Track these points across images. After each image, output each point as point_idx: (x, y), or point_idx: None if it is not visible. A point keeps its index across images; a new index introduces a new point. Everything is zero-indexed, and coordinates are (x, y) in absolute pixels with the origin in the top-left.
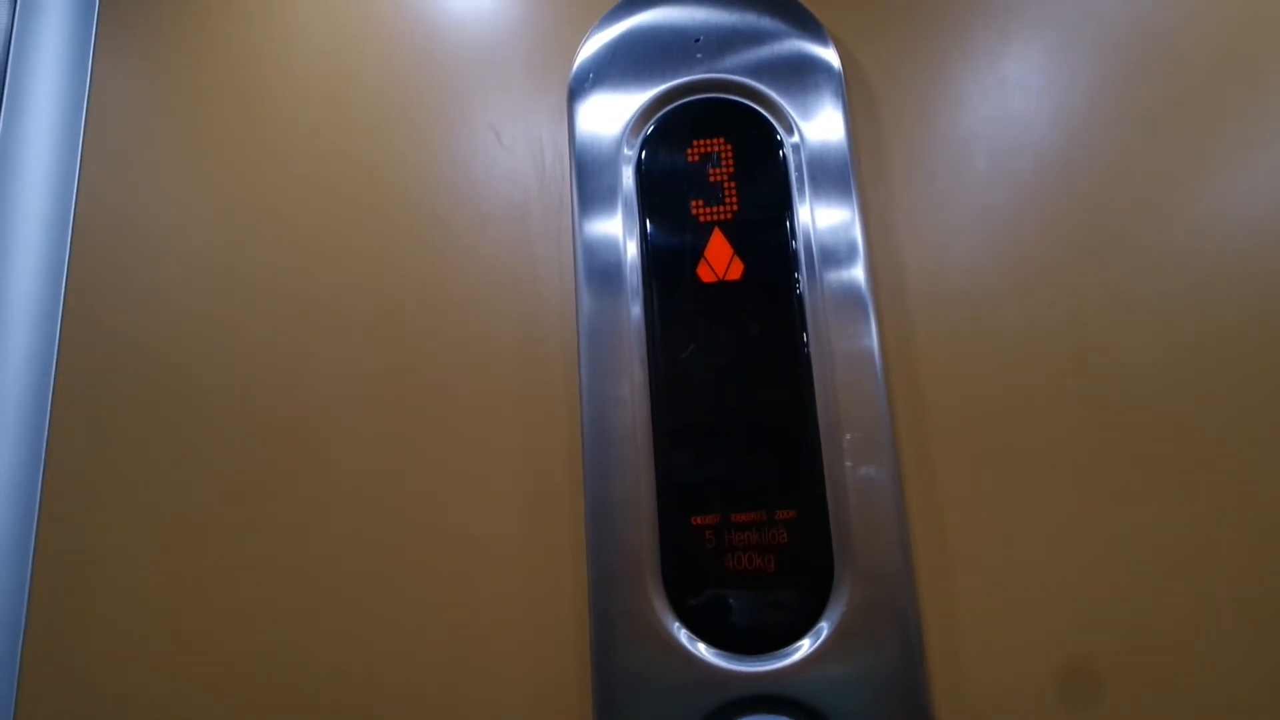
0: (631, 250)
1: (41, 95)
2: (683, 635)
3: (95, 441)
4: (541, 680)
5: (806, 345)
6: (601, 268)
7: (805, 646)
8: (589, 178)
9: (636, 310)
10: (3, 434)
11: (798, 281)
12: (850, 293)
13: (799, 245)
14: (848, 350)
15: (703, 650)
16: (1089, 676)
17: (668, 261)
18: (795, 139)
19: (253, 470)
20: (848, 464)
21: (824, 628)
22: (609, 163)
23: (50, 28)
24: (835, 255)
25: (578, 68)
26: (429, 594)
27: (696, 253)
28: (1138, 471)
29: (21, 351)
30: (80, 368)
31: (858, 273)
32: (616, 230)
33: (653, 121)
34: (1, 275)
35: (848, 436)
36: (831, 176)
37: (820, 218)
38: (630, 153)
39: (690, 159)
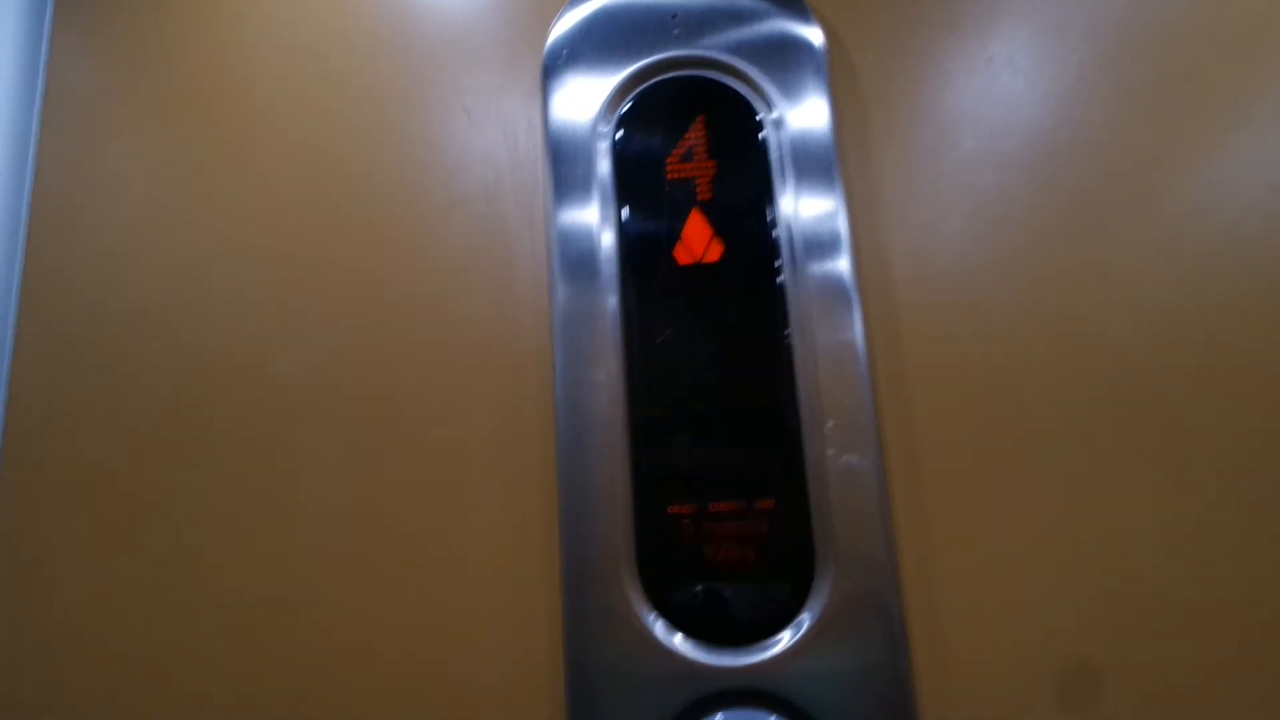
0: (607, 231)
1: None
2: (659, 628)
3: (49, 445)
4: (514, 674)
5: (787, 329)
6: (576, 249)
7: (786, 639)
8: (563, 158)
9: (612, 294)
10: None
11: (778, 263)
12: (833, 275)
13: (780, 225)
14: (830, 334)
15: (680, 643)
16: (1075, 668)
17: (644, 243)
18: (776, 117)
19: (214, 459)
20: (829, 452)
21: (805, 620)
22: (584, 142)
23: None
24: (817, 236)
25: (551, 45)
26: (397, 586)
27: (673, 234)
28: (1126, 461)
29: None
30: (35, 366)
31: (841, 254)
32: (592, 211)
33: (629, 99)
34: None
35: (830, 423)
36: (813, 156)
37: (801, 198)
38: (606, 131)
39: (667, 138)
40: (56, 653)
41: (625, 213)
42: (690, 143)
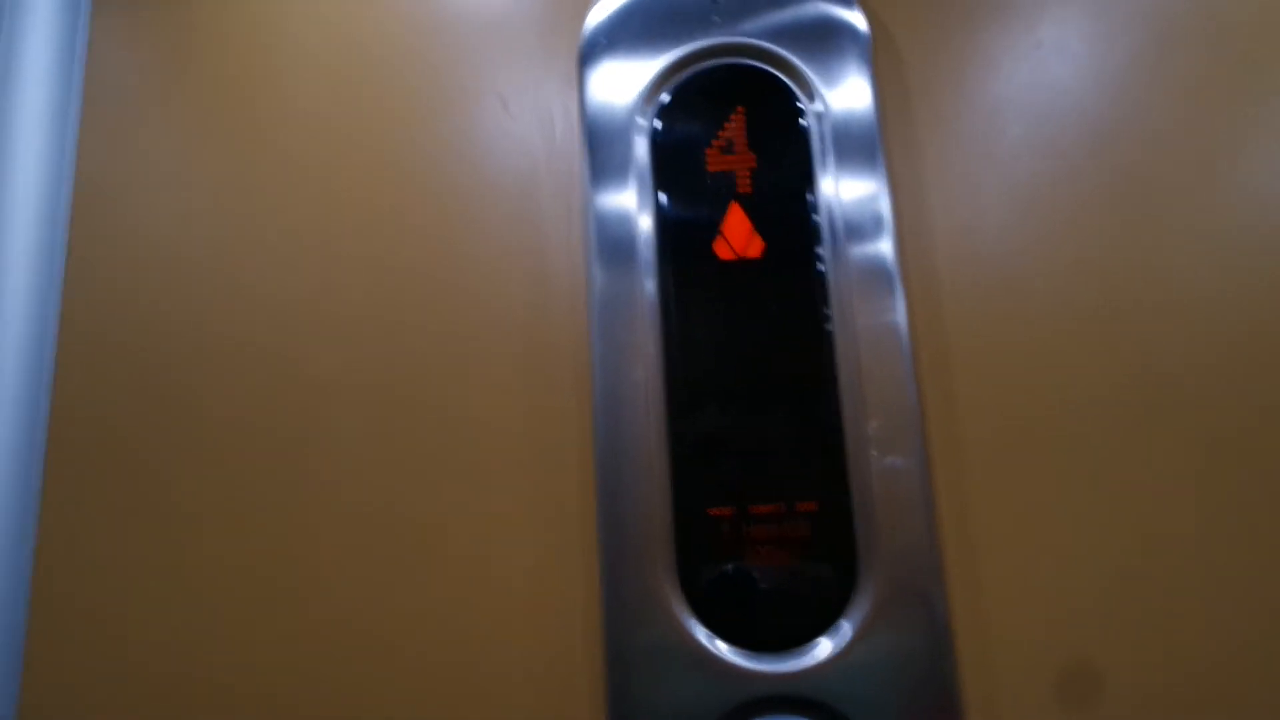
0: (645, 225)
1: (35, 81)
2: (699, 632)
3: (92, 437)
4: (553, 678)
5: (830, 328)
6: (614, 243)
7: (828, 644)
8: (601, 148)
9: (650, 289)
10: (3, 408)
11: (821, 260)
12: (876, 272)
13: (822, 220)
14: (873, 333)
15: (720, 648)
16: (1121, 672)
17: (683, 237)
18: (818, 107)
19: (252, 454)
20: (873, 453)
21: (847, 624)
22: (621, 132)
23: (42, 5)
24: (861, 231)
25: (589, 32)
26: (434, 589)
27: (713, 228)
28: (1170, 456)
29: (17, 350)
30: (77, 364)
31: (884, 250)
32: (630, 204)
33: (668, 89)
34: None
35: (873, 424)
36: (857, 147)
37: (845, 191)
38: (644, 122)
39: (708, 128)
40: (97, 645)
41: (664, 205)
42: (730, 133)
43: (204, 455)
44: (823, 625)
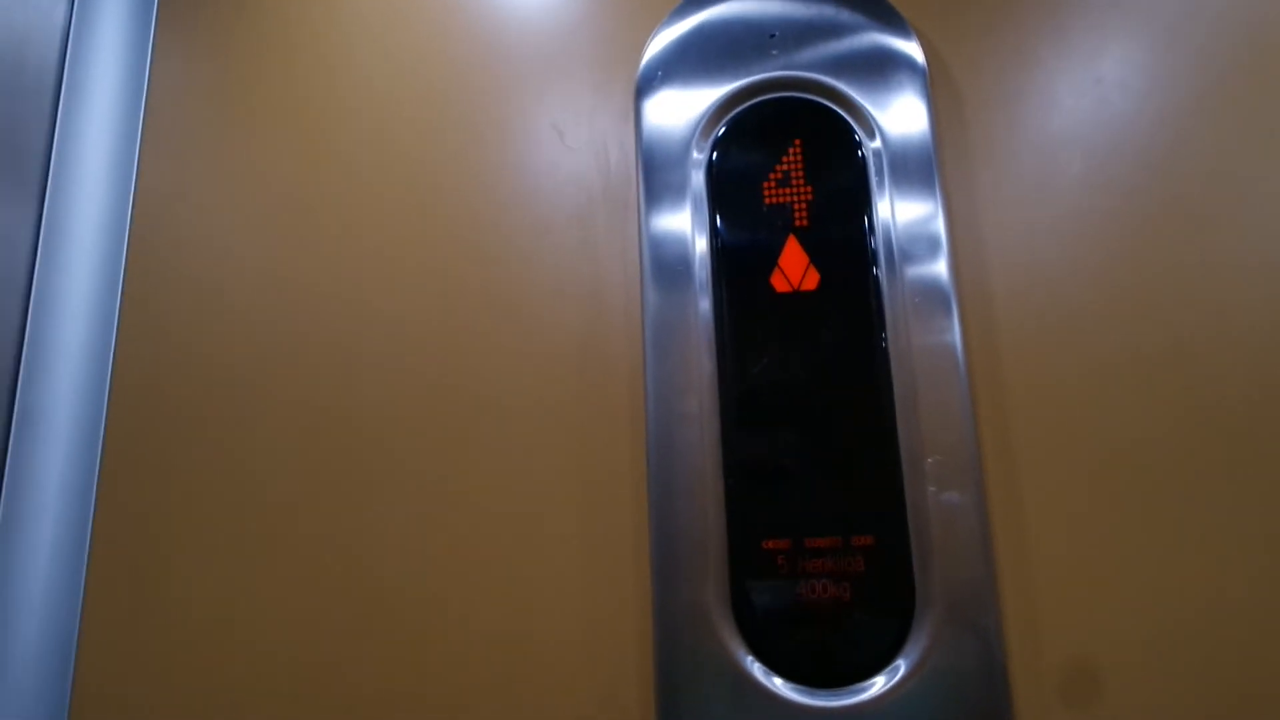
0: (701, 257)
1: (100, 91)
2: (754, 667)
3: (149, 445)
4: (605, 712)
5: (886, 362)
6: (669, 276)
7: (882, 681)
8: (657, 181)
9: (706, 322)
10: (57, 436)
11: (877, 294)
12: (934, 308)
13: (879, 255)
14: (931, 369)
15: (775, 683)
16: (1176, 713)
17: (740, 270)
18: (876, 143)
19: (305, 478)
20: (930, 488)
21: (901, 665)
22: (678, 165)
23: (109, 19)
24: (917, 265)
25: (646, 64)
26: (485, 617)
27: (770, 261)
28: (1238, 502)
29: (77, 353)
30: (135, 371)
31: (941, 284)
32: (685, 236)
33: (724, 122)
34: (59, 276)
35: (930, 460)
36: (914, 182)
37: (902, 226)
38: (700, 155)
39: (764, 162)
40: (156, 655)
41: (720, 239)
42: (787, 166)
43: (257, 484)
44: (878, 662)
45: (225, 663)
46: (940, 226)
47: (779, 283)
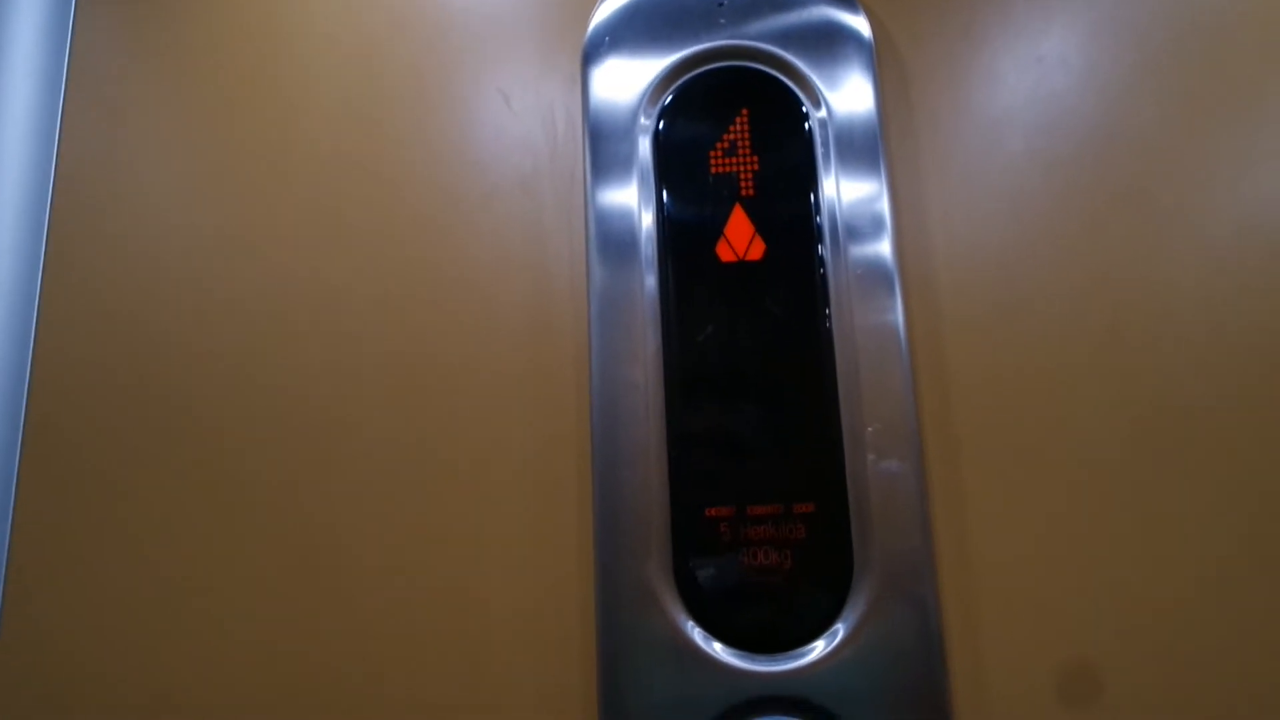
0: (647, 225)
1: (20, 44)
2: (695, 632)
3: (74, 424)
4: (544, 677)
5: (829, 332)
6: (615, 244)
7: (821, 646)
8: (603, 148)
9: (651, 290)
10: None
11: (822, 264)
12: (876, 278)
13: (823, 225)
14: (872, 338)
15: (715, 648)
16: (1117, 682)
17: (685, 239)
18: (822, 113)
19: (240, 447)
20: (870, 457)
21: (840, 628)
22: (625, 132)
23: None
24: (861, 237)
25: (593, 30)
26: (426, 586)
27: (716, 230)
28: (1173, 471)
29: None
30: (59, 345)
31: (885, 256)
32: (632, 204)
33: (672, 90)
34: None
35: (870, 428)
36: (859, 153)
37: (846, 197)
38: (648, 122)
39: (711, 130)
40: (81, 645)
41: (666, 207)
42: (734, 136)
43: (187, 461)
44: (818, 627)
45: (156, 651)
46: (884, 199)
47: (724, 252)
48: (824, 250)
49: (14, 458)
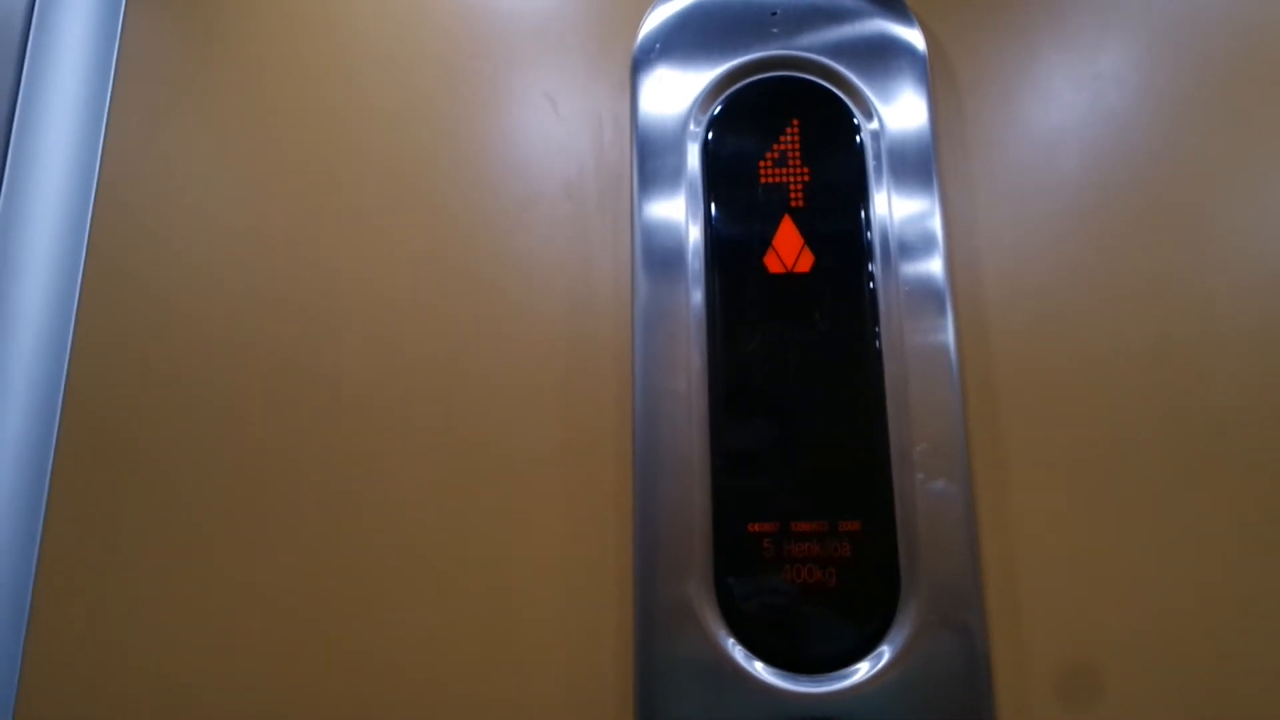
0: (694, 235)
1: (69, 47)
2: (736, 650)
3: (110, 418)
4: (584, 692)
5: (878, 347)
6: (661, 252)
7: (865, 668)
8: (651, 156)
9: (697, 299)
10: (11, 417)
11: (871, 278)
12: (926, 293)
13: (873, 239)
14: (922, 355)
15: (757, 667)
16: (1159, 709)
17: (733, 249)
18: (874, 125)
19: (277, 458)
20: (918, 476)
21: (885, 650)
22: (674, 141)
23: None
24: (912, 252)
25: (643, 38)
26: (463, 597)
27: (764, 241)
28: (1224, 498)
29: (39, 322)
30: (98, 340)
31: (935, 272)
32: (679, 213)
33: (722, 99)
34: (18, 252)
35: (919, 447)
36: (911, 167)
37: (897, 211)
38: (697, 130)
39: (761, 141)
40: (111, 648)
41: (714, 216)
42: (785, 146)
43: (222, 460)
44: (862, 648)
45: (185, 646)
46: (936, 214)
47: (772, 263)
48: (874, 264)
49: (49, 453)
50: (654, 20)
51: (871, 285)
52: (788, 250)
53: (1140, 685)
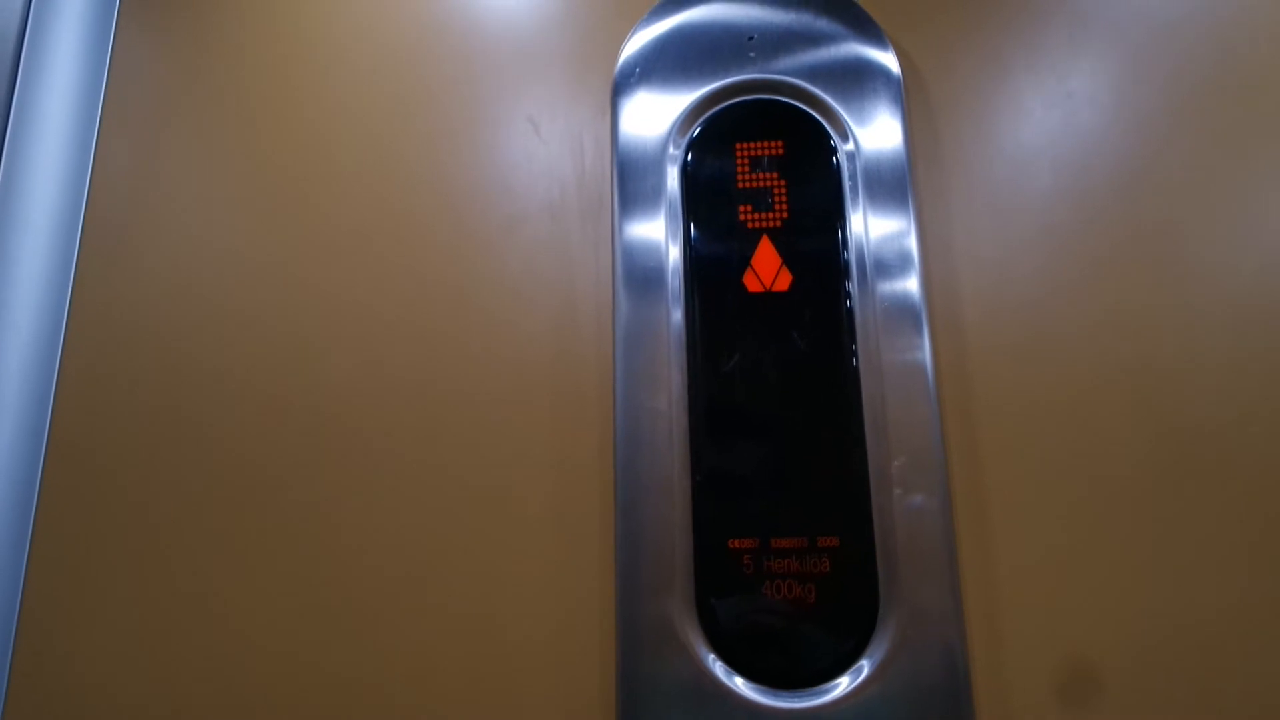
0: (674, 255)
1: (60, 66)
2: (716, 666)
3: (98, 437)
4: (565, 710)
5: (856, 364)
6: (642, 272)
7: (845, 684)
8: (631, 178)
9: (677, 318)
10: (3, 421)
11: (848, 296)
12: (903, 310)
13: (850, 257)
14: (899, 371)
15: (737, 683)
16: (1142, 717)
17: (712, 269)
18: (850, 146)
19: (264, 478)
20: (896, 491)
21: (865, 665)
22: (653, 163)
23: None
24: (888, 270)
25: (623, 62)
26: (451, 617)
27: (743, 261)
28: (1201, 509)
29: (26, 340)
30: (86, 359)
31: (912, 289)
32: (659, 234)
33: (701, 121)
34: (8, 261)
35: (896, 462)
36: (887, 187)
37: (874, 230)
38: (676, 153)
39: (739, 162)
40: (99, 653)
41: (694, 236)
42: (762, 168)
43: (208, 478)
44: (842, 662)
45: (173, 658)
46: (912, 232)
47: (751, 282)
48: (851, 282)
49: (36, 470)
50: (634, 45)
51: (849, 303)
52: (766, 269)
53: (1119, 696)
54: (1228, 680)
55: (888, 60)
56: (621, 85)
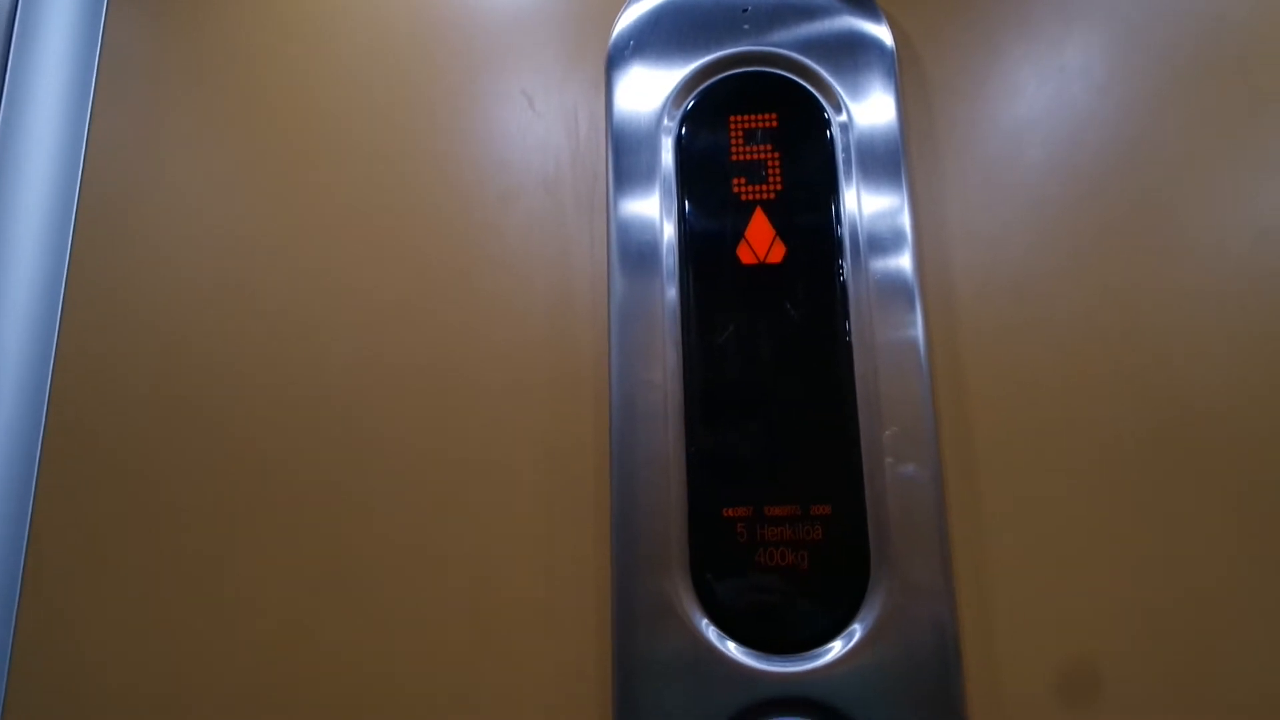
0: (669, 227)
1: (51, 48)
2: (710, 631)
3: (96, 420)
4: (560, 675)
5: (848, 334)
6: (636, 245)
7: (838, 647)
8: (626, 150)
9: (672, 290)
10: None
11: (841, 267)
12: (896, 281)
13: (844, 229)
14: (891, 341)
15: (731, 648)
16: (1129, 687)
17: (706, 241)
18: (844, 118)
19: (262, 451)
20: (888, 460)
21: (857, 630)
22: (648, 135)
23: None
24: (881, 241)
25: (618, 35)
26: (446, 585)
27: (737, 233)
28: (1189, 480)
29: (22, 322)
30: (82, 341)
31: (904, 261)
32: (653, 206)
33: (695, 94)
34: (2, 243)
35: (888, 431)
36: (880, 159)
37: (867, 202)
38: (670, 125)
39: (733, 135)
40: (101, 643)
41: (688, 209)
42: (756, 140)
43: (206, 461)
44: (834, 628)
45: (172, 640)
46: (905, 205)
47: (745, 254)
48: (845, 253)
49: (34, 457)
50: (628, 18)
51: (842, 273)
52: (760, 241)
53: (1109, 661)
54: (1221, 653)
55: (881, 33)
56: (616, 58)
